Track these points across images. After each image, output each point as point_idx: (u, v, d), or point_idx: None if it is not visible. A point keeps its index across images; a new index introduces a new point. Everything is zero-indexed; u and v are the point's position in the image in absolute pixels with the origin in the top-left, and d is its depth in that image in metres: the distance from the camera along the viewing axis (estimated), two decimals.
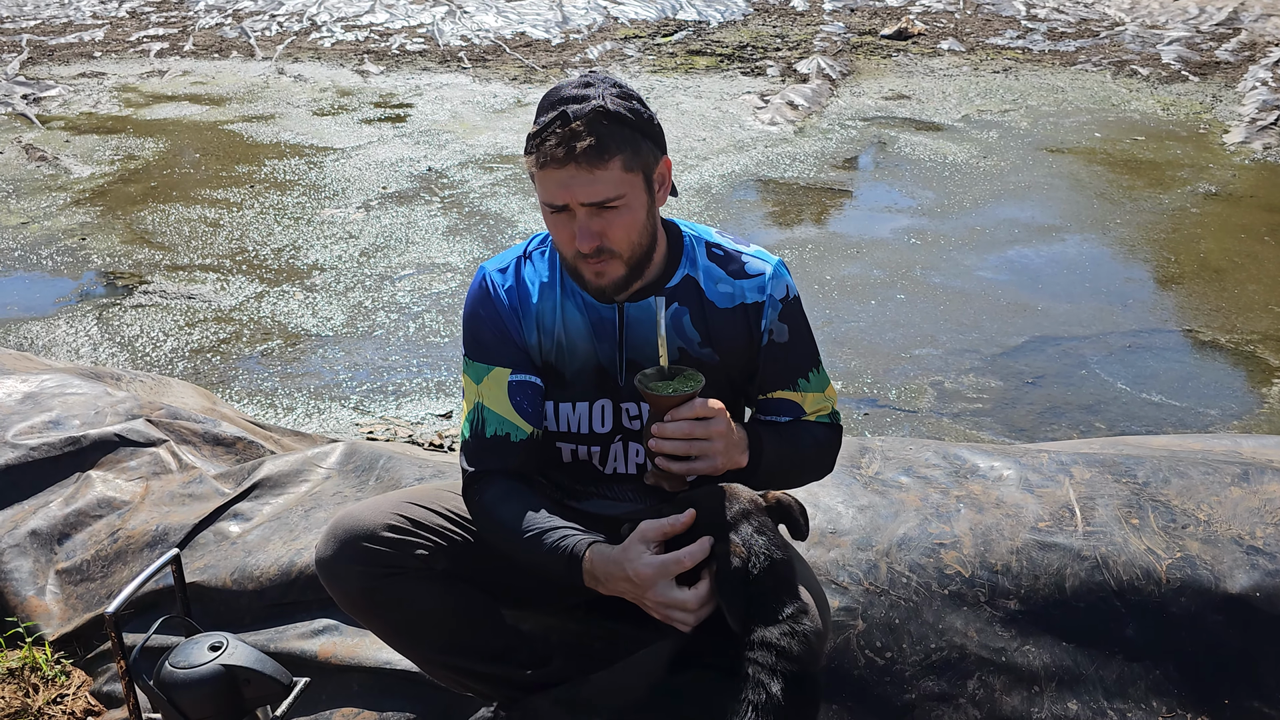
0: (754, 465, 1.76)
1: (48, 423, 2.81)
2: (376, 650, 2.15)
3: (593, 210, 1.70)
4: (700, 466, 1.66)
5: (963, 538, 2.23)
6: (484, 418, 1.83)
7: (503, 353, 1.84)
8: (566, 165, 1.67)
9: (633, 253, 1.76)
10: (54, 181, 6.59)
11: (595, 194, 1.68)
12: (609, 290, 1.78)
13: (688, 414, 1.63)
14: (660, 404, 1.64)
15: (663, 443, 1.64)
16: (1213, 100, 7.91)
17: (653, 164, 1.76)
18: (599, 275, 1.76)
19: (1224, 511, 2.28)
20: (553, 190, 1.70)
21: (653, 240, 1.80)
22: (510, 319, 1.85)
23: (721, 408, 1.67)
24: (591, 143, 1.66)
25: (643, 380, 1.67)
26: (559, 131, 1.67)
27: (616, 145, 1.68)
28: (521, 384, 1.83)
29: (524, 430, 1.82)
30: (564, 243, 1.75)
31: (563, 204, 1.70)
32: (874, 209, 6.06)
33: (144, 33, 10.65)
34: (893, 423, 3.91)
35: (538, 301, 1.86)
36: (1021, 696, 2.05)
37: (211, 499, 2.57)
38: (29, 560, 2.50)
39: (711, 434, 1.65)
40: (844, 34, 10.13)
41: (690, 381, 1.66)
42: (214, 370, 4.33)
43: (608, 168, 1.68)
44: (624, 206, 1.71)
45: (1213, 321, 4.61)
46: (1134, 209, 5.92)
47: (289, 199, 6.24)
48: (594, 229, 1.71)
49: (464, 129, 7.57)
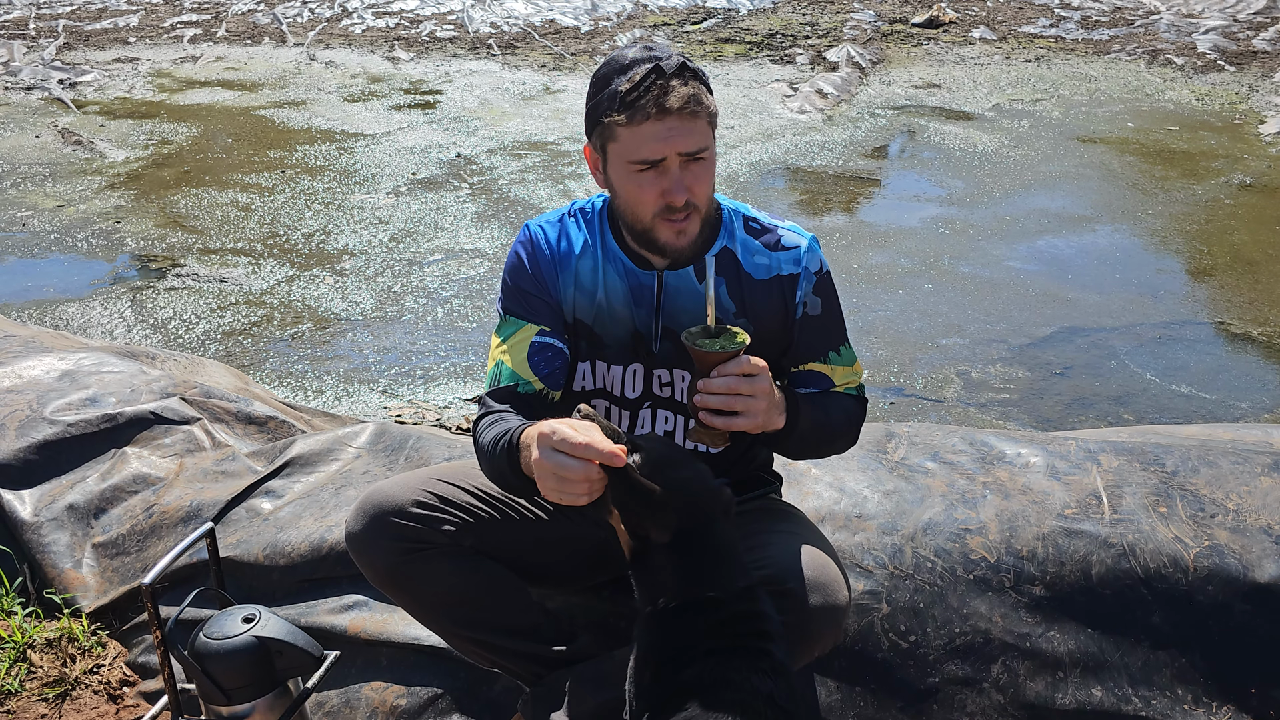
0: (790, 428, 1.77)
1: (85, 400, 2.85)
2: (405, 626, 2.18)
3: (685, 162, 1.73)
4: (741, 423, 1.67)
5: (988, 523, 2.23)
6: (500, 372, 1.86)
7: (535, 307, 1.87)
8: (667, 117, 1.70)
9: (708, 207, 1.80)
10: (89, 165, 6.67)
11: (693, 143, 1.72)
12: (687, 251, 1.81)
13: (734, 370, 1.65)
14: (706, 360, 1.66)
15: (708, 398, 1.65)
16: (1249, 90, 7.81)
17: (717, 123, 1.81)
18: (680, 234, 1.78)
19: (1254, 501, 2.26)
20: (650, 145, 1.72)
21: None
22: (549, 269, 1.88)
23: (765, 366, 1.68)
24: (692, 92, 1.70)
25: (689, 337, 1.68)
26: (659, 84, 1.70)
27: (707, 100, 1.74)
28: (544, 346, 1.85)
29: (534, 385, 1.83)
30: (649, 200, 1.76)
31: (660, 157, 1.72)
32: (902, 198, 6.04)
33: (178, 19, 10.74)
34: (919, 412, 3.90)
35: (579, 257, 1.88)
36: (1045, 682, 2.05)
37: (244, 476, 2.60)
38: (66, 534, 2.55)
39: (756, 390, 1.65)
40: (874, 22, 10.07)
41: (736, 339, 1.67)
42: (245, 353, 4.38)
43: (701, 118, 1.73)
44: (709, 159, 1.76)
45: (1245, 314, 4.56)
46: (1166, 200, 5.86)
47: (319, 184, 6.29)
48: (686, 183, 1.74)
49: (493, 116, 7.59)
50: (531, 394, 1.83)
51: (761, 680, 1.53)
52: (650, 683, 1.56)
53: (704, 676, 1.52)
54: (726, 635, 1.55)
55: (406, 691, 2.14)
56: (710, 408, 1.65)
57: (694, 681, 1.52)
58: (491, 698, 2.11)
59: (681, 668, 1.54)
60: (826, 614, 1.71)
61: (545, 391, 1.84)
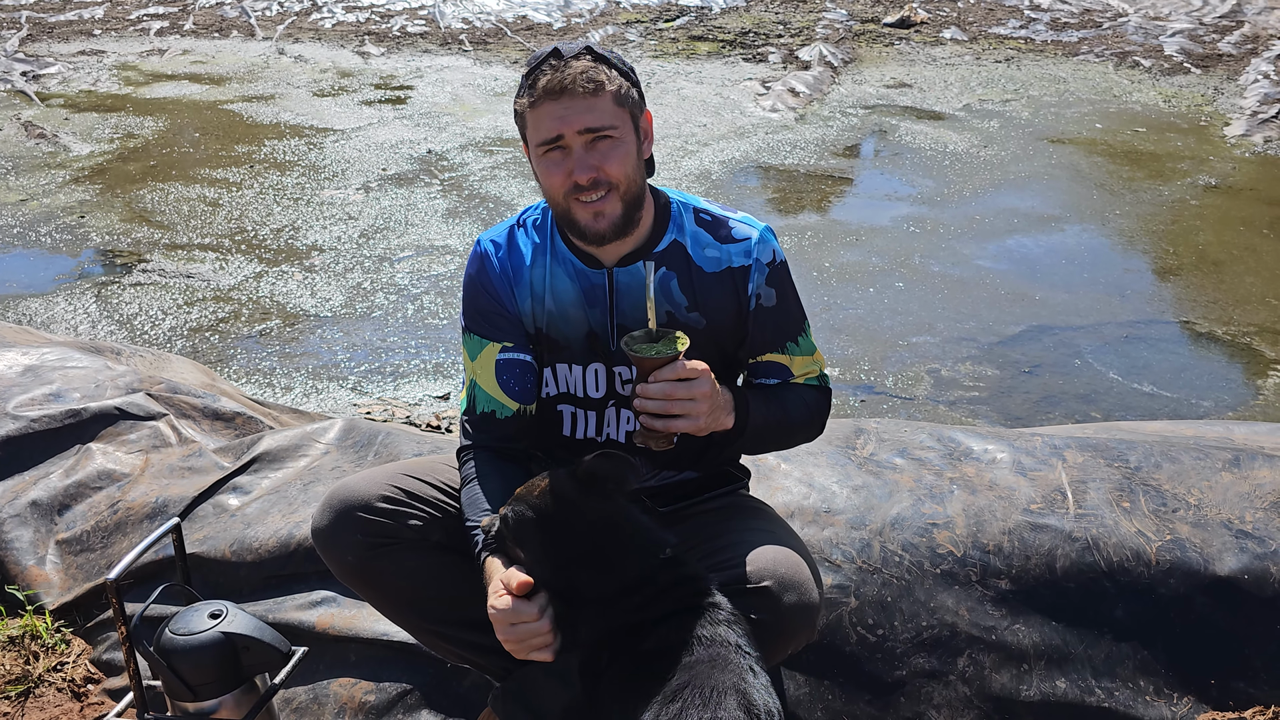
0: (740, 427, 1.79)
1: (48, 395, 2.82)
2: (373, 622, 2.17)
3: (589, 142, 1.74)
4: (681, 425, 1.69)
5: (955, 518, 2.25)
6: (476, 395, 1.89)
7: (495, 325, 1.88)
8: (561, 97, 1.72)
9: (628, 187, 1.78)
10: (53, 159, 6.59)
11: (591, 120, 1.72)
12: (608, 233, 1.80)
13: (669, 375, 1.66)
14: (644, 365, 1.68)
15: (645, 402, 1.67)
16: (1214, 93, 7.91)
17: (639, 109, 1.81)
18: (597, 216, 1.78)
19: (1214, 496, 2.30)
20: (548, 124, 1.74)
21: (643, 187, 1.83)
22: (503, 285, 1.89)
23: (705, 368, 1.69)
24: (586, 71, 1.72)
25: (629, 342, 1.70)
26: (553, 63, 1.73)
27: (607, 77, 1.74)
28: (510, 362, 1.87)
29: (509, 408, 1.86)
30: (558, 183, 1.77)
31: (557, 135, 1.73)
32: (874, 196, 6.07)
33: (144, 11, 10.62)
34: (889, 409, 3.93)
35: (530, 268, 1.89)
36: (1011, 674, 2.07)
37: (211, 472, 2.58)
38: (29, 530, 2.52)
39: (694, 394, 1.67)
40: (846, 21, 10.11)
41: (674, 343, 1.68)
42: (212, 349, 4.35)
43: (601, 96, 1.73)
44: (619, 139, 1.76)
45: (1210, 313, 4.62)
46: (1134, 200, 5.93)
47: (288, 179, 6.25)
48: (591, 161, 1.74)
49: (464, 111, 7.57)
50: (509, 417, 1.86)
51: (725, 630, 1.53)
52: (610, 664, 1.56)
53: (668, 639, 1.52)
54: (670, 601, 1.56)
55: (375, 687, 2.14)
56: (649, 411, 1.67)
57: (659, 648, 1.52)
58: (460, 693, 2.11)
59: (639, 641, 1.54)
60: (801, 612, 1.71)
61: (521, 409, 1.87)
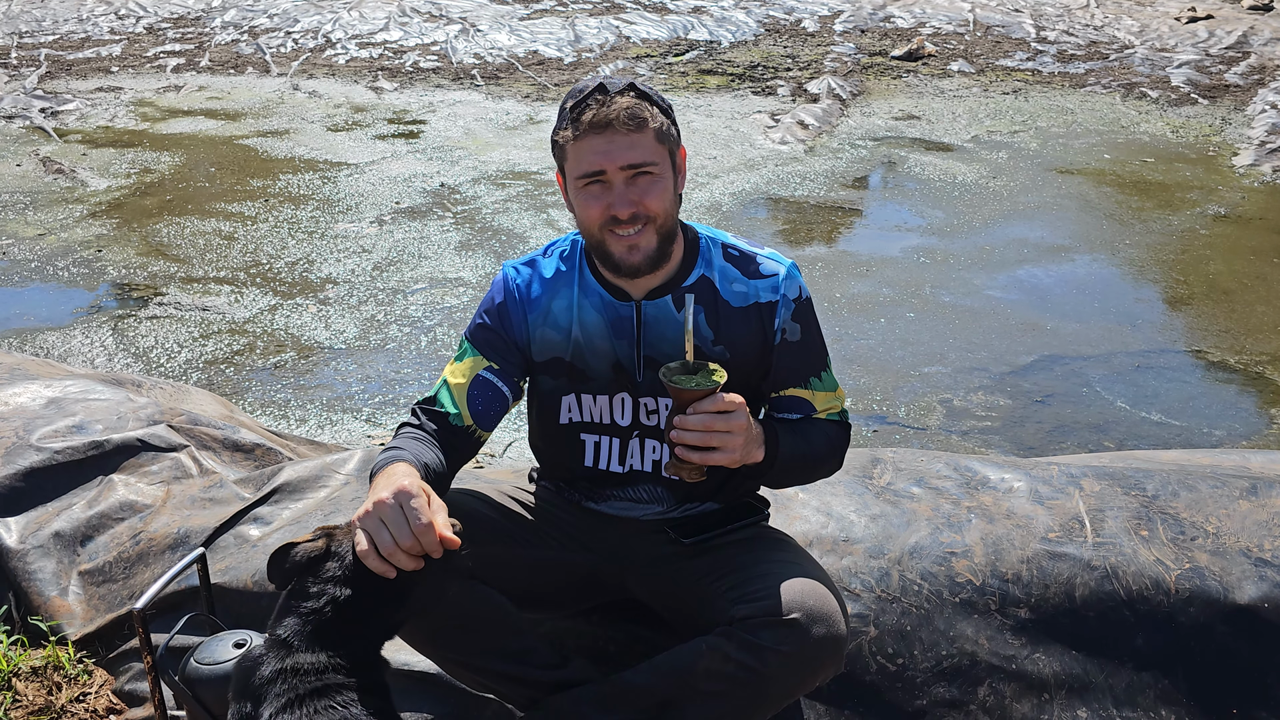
0: (769, 461, 1.81)
1: (71, 427, 2.85)
2: (396, 651, 2.17)
3: (629, 177, 1.77)
4: (718, 458, 1.70)
5: (974, 547, 2.26)
6: (440, 393, 1.91)
7: (493, 346, 1.92)
8: (606, 131, 1.75)
9: (665, 222, 1.82)
10: (71, 194, 6.66)
11: (634, 156, 1.76)
12: (642, 266, 1.82)
13: (709, 407, 1.68)
14: (683, 397, 1.69)
15: (683, 434, 1.68)
16: (1222, 123, 7.95)
17: (676, 145, 1.85)
18: (632, 250, 1.81)
19: (1232, 524, 2.30)
20: (590, 158, 1.77)
21: (676, 222, 1.86)
22: (516, 311, 1.92)
23: (742, 402, 1.71)
24: (630, 108, 1.75)
25: (666, 373, 1.71)
26: (598, 98, 1.76)
27: (650, 115, 1.78)
28: (487, 383, 1.89)
29: (464, 420, 1.88)
30: (596, 216, 1.80)
31: (599, 169, 1.76)
32: (884, 228, 6.11)
33: (161, 48, 10.76)
34: (902, 440, 3.94)
35: (553, 299, 1.91)
36: (1032, 704, 2.07)
37: (232, 503, 2.60)
38: (52, 561, 2.54)
39: (731, 427, 1.69)
40: (854, 55, 10.20)
41: (713, 376, 1.70)
42: (228, 381, 4.38)
43: (645, 133, 1.77)
44: (658, 175, 1.79)
45: (1221, 342, 4.63)
46: (1143, 230, 5.95)
47: (303, 213, 6.31)
48: (631, 196, 1.77)
49: (477, 145, 7.64)
50: (459, 426, 1.88)
51: None
52: None
53: None
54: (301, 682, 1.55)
55: None
56: (686, 444, 1.69)
57: None
58: None
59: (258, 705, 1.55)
60: (829, 644, 1.73)
61: (473, 428, 1.88)
